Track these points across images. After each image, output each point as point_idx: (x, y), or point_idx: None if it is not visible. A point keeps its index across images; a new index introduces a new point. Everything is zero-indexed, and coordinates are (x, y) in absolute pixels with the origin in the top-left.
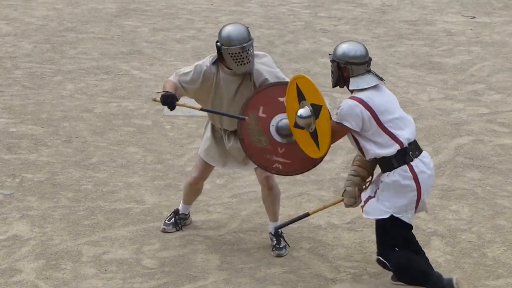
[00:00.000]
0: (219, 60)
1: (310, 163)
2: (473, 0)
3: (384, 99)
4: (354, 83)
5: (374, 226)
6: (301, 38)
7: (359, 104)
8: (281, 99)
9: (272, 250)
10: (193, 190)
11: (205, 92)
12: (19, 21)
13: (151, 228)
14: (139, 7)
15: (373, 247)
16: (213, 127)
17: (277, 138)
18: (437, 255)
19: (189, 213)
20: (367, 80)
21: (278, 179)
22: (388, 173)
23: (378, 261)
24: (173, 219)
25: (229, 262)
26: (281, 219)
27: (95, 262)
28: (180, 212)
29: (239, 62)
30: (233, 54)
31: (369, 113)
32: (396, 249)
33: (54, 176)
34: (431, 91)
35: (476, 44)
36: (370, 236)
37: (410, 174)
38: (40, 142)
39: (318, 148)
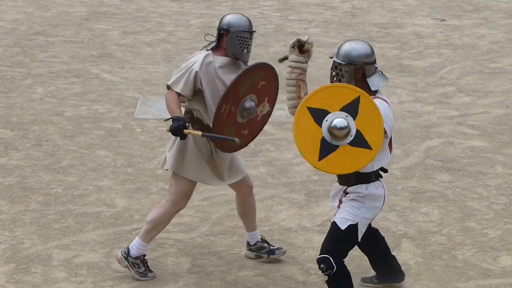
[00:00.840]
0: (215, 49)
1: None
2: (443, 3)
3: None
4: (374, 83)
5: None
6: (271, 41)
7: (389, 106)
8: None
9: (271, 255)
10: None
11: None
12: None
13: (122, 232)
14: (109, 10)
15: None
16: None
17: (239, 119)
18: (407, 257)
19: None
20: (382, 78)
21: None
22: (364, 185)
23: (322, 259)
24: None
25: (200, 265)
26: (260, 218)
27: (65, 265)
28: (145, 257)
29: (244, 46)
30: (241, 37)
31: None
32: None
33: (24, 179)
34: (401, 93)
35: (446, 46)
36: None
37: (383, 190)
38: (10, 146)
39: (370, 147)
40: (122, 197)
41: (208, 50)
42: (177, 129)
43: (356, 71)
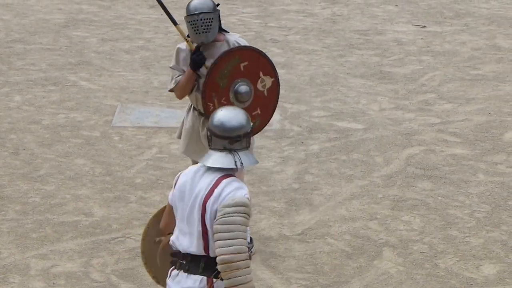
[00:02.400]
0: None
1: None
2: (424, 10)
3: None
4: None
5: (322, 239)
6: None
7: None
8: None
9: None
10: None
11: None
12: None
13: (100, 241)
14: (87, 17)
15: (325, 258)
16: (193, 113)
17: (240, 105)
18: (388, 266)
19: None
20: None
21: None
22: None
23: None
24: None
25: None
26: None
27: (43, 275)
28: None
29: (196, 29)
30: (190, 22)
31: None
32: None
33: (1, 188)
34: (381, 101)
35: (427, 53)
36: (322, 247)
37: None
38: None
39: None
40: (100, 206)
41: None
42: (199, 60)
43: None
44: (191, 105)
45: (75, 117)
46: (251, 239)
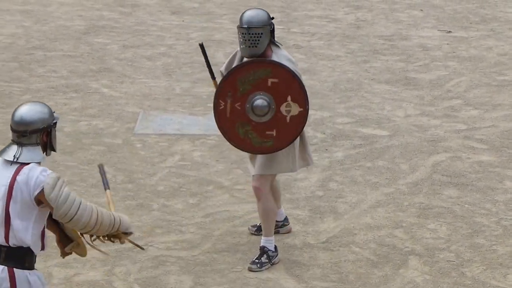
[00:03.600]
0: None
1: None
2: (449, 15)
3: None
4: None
5: (347, 248)
6: None
7: None
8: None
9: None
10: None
11: None
12: None
13: (123, 249)
14: (109, 24)
15: (350, 267)
16: None
17: (254, 118)
18: (415, 274)
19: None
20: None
21: (245, 196)
22: None
23: None
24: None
25: (203, 283)
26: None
27: (66, 284)
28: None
29: (241, 41)
30: (239, 33)
31: None
32: None
33: None
34: (407, 107)
35: (452, 59)
36: (347, 256)
37: None
38: None
39: None
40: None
41: None
42: None
43: None
44: None
45: (97, 124)
46: (275, 247)
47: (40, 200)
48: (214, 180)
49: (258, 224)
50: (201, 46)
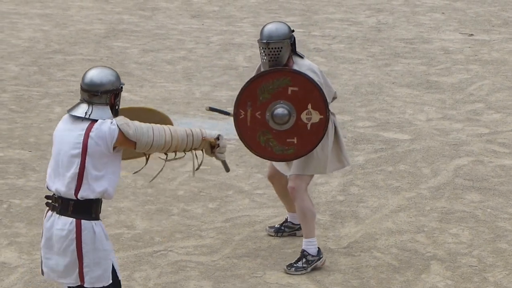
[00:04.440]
0: None
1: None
2: (471, 17)
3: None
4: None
5: (368, 253)
6: None
7: None
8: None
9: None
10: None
11: None
12: (5, 43)
13: (142, 254)
14: (128, 27)
15: (371, 272)
16: None
17: (275, 126)
18: (437, 280)
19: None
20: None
21: (265, 200)
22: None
23: None
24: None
25: None
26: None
27: None
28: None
29: (262, 55)
30: (260, 47)
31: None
32: None
33: (42, 201)
34: (428, 111)
35: (474, 62)
36: (368, 261)
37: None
38: (28, 167)
39: None
40: (142, 219)
41: None
42: None
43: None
44: None
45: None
46: (318, 250)
47: (115, 146)
48: (234, 184)
49: (276, 225)
50: (211, 109)
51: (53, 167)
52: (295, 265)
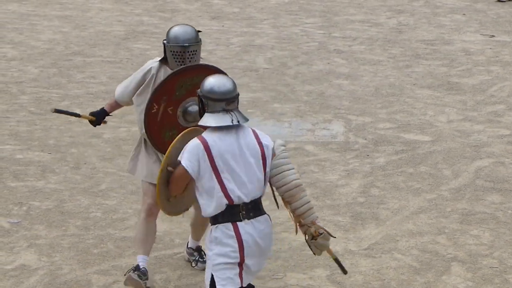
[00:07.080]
0: (164, 60)
1: None
2: (492, 19)
3: (232, 146)
4: (204, 119)
5: (389, 254)
6: (314, 59)
7: (202, 145)
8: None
9: (195, 265)
10: (149, 226)
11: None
12: (25, 45)
13: (163, 256)
14: (148, 29)
15: (392, 273)
16: (145, 142)
17: (183, 123)
18: (457, 281)
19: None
20: (220, 119)
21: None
22: (212, 226)
23: None
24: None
25: None
26: (295, 244)
27: None
28: (141, 267)
29: (178, 61)
30: (174, 52)
31: (207, 156)
32: None
33: (62, 203)
34: (449, 112)
35: (495, 63)
36: (388, 263)
37: (232, 233)
38: (47, 169)
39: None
40: (162, 221)
41: (157, 61)
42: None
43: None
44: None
45: (137, 130)
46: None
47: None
48: None
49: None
50: (57, 111)
51: None
52: (203, 259)
